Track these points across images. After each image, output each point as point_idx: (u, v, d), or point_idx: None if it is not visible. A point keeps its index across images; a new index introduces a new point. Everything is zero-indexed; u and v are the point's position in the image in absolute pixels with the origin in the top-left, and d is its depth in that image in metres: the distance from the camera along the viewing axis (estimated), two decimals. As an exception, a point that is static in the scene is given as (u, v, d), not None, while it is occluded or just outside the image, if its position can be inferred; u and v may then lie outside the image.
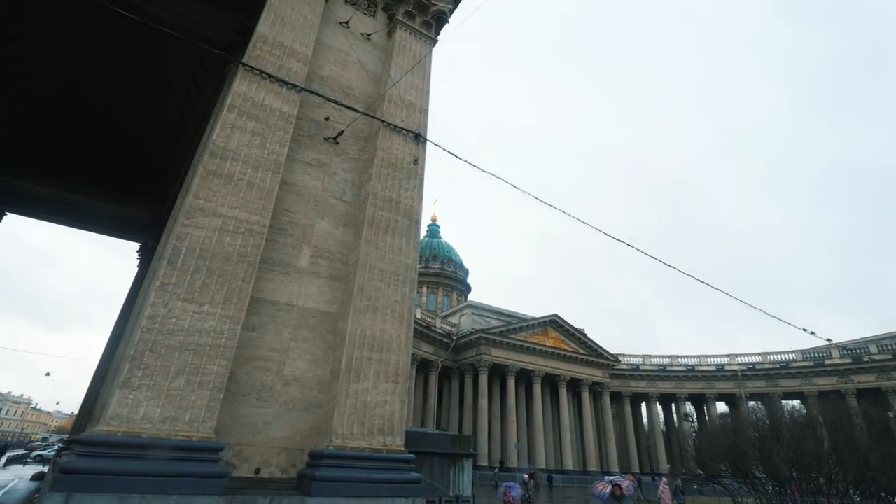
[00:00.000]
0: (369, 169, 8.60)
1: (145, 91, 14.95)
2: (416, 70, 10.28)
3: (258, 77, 7.83)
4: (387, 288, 7.68)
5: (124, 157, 18.49)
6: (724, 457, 18.61)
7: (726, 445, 18.47)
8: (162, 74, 13.86)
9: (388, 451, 6.64)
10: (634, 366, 58.02)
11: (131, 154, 18.38)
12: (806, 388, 46.86)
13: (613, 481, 9.40)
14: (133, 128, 17.14)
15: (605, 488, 9.05)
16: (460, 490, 8.42)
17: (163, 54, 12.57)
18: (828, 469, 15.13)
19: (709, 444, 20.23)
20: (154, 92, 14.94)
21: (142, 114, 16.22)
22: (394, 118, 9.23)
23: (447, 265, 76.34)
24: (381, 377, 7.03)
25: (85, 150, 18.27)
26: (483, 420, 44.76)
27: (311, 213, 7.99)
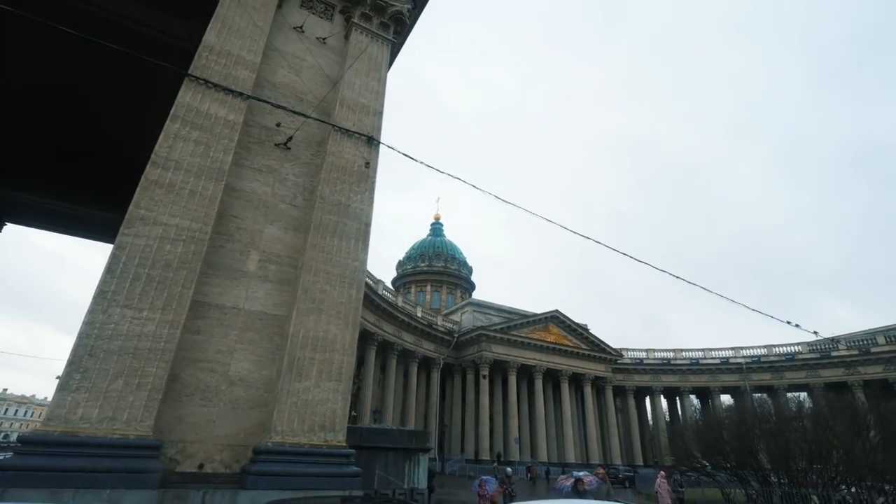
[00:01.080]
0: (320, 173, 8.82)
1: (130, 100, 15.35)
2: (371, 72, 10.47)
3: (203, 87, 8.09)
4: (332, 290, 7.92)
5: (116, 167, 19.00)
6: (711, 449, 18.62)
7: (711, 438, 18.47)
8: (145, 84, 14.23)
9: (329, 447, 6.89)
10: (638, 360, 57.70)
11: (122, 163, 18.88)
12: (812, 380, 46.23)
13: (577, 476, 9.44)
14: (121, 137, 17.61)
15: (567, 481, 9.03)
16: (415, 483, 8.66)
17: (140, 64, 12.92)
18: (806, 461, 15.08)
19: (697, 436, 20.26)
20: (137, 101, 15.35)
21: (129, 123, 16.66)
22: (345, 122, 9.44)
23: (450, 263, 76.53)
24: (323, 376, 7.28)
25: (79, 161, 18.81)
26: (484, 415, 45.01)
27: (260, 219, 8.24)
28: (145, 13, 10.82)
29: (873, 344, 42.62)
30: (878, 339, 42.30)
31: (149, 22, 11.04)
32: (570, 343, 52.13)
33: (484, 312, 52.41)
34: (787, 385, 47.85)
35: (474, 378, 47.38)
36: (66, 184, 19.55)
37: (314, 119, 9.09)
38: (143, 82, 13.78)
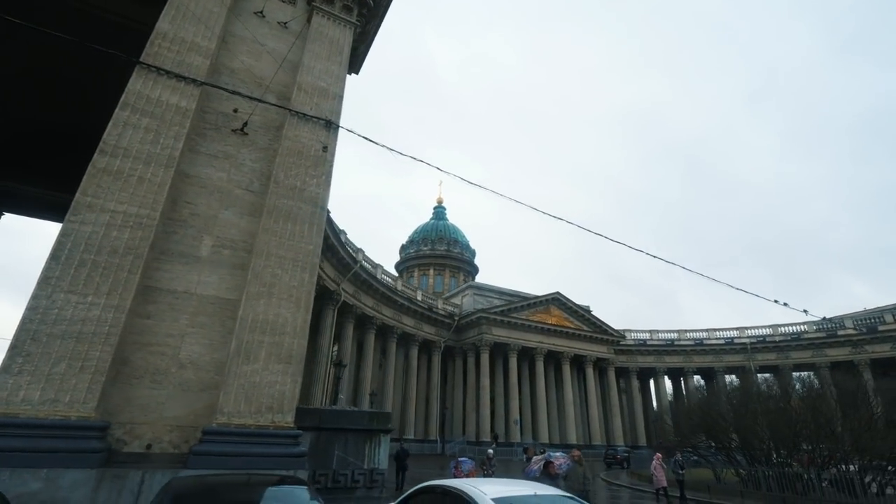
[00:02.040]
0: (276, 158, 8.80)
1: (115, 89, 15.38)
2: (331, 56, 10.33)
3: (154, 74, 8.06)
4: (284, 274, 7.98)
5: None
6: (700, 429, 18.67)
7: (700, 417, 18.50)
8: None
9: (276, 428, 7.05)
10: (641, 341, 57.61)
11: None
12: (818, 360, 45.76)
13: (547, 458, 8.63)
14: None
15: (536, 465, 8.50)
16: (375, 463, 8.84)
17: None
18: (792, 439, 15.05)
19: (687, 416, 20.29)
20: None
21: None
22: (303, 106, 9.36)
23: (453, 247, 76.53)
24: (272, 359, 7.40)
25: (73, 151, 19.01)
26: (485, 397, 45.57)
27: (215, 205, 8.29)
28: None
29: (881, 322, 41.88)
30: (886, 317, 41.53)
31: (112, 8, 10.96)
32: (571, 325, 52.16)
33: (484, 295, 52.54)
34: (792, 365, 47.39)
35: (475, 361, 47.84)
36: (59, 174, 19.84)
37: (269, 104, 9.04)
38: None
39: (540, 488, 4.19)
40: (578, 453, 9.93)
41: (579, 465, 9.17)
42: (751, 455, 17.06)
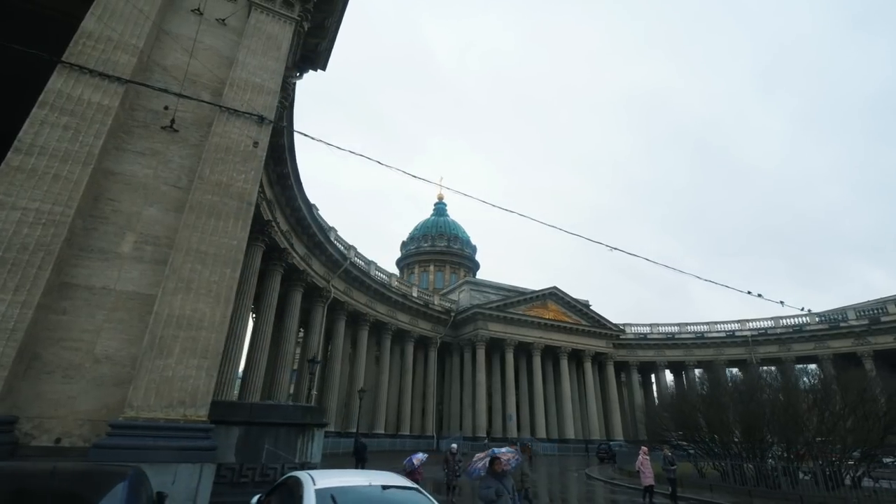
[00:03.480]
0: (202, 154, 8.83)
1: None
2: (268, 51, 10.31)
3: (77, 72, 8.12)
4: (205, 269, 8.01)
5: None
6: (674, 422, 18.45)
7: (674, 411, 18.26)
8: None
9: (186, 421, 7.10)
10: (642, 335, 57.09)
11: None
12: (820, 352, 44.90)
13: (493, 454, 6.97)
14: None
15: (480, 463, 7.00)
16: (308, 458, 8.85)
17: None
18: (761, 433, 14.79)
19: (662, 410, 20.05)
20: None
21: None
22: (234, 102, 9.36)
23: (453, 243, 76.47)
24: (187, 353, 7.44)
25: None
26: (481, 393, 45.56)
27: (139, 201, 8.34)
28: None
29: (883, 313, 40.87)
30: (889, 308, 40.50)
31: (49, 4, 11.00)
32: (569, 320, 51.82)
33: (481, 290, 52.45)
34: (794, 357, 46.61)
35: (471, 356, 47.83)
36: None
37: (197, 100, 9.05)
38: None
39: (382, 479, 4.16)
40: (529, 449, 10.24)
41: (527, 461, 9.21)
42: (725, 448, 16.81)
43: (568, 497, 16.29)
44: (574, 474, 23.13)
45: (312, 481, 3.89)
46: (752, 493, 14.15)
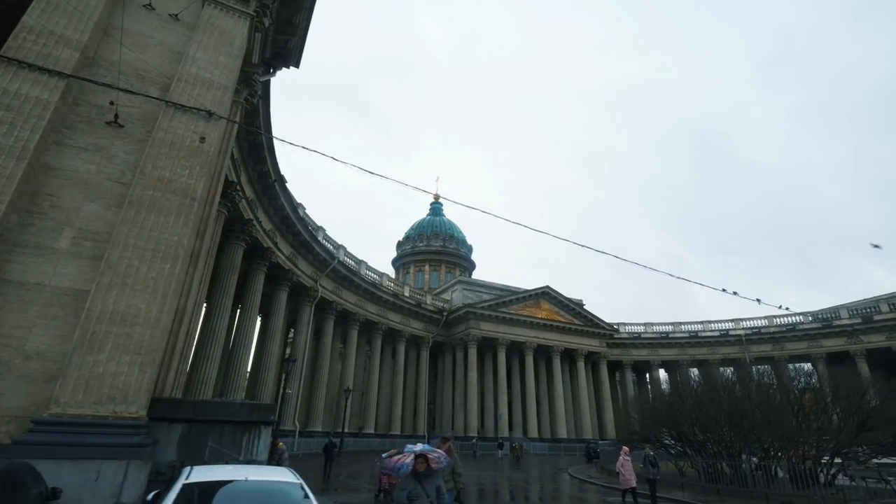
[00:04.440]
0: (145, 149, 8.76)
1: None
2: (220, 47, 10.24)
3: (15, 67, 8.07)
4: (142, 265, 7.94)
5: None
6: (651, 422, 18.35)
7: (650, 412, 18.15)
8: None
9: (115, 418, 7.03)
10: (636, 334, 56.92)
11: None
12: (813, 351, 44.64)
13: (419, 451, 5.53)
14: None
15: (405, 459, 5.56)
16: (253, 455, 8.79)
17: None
18: (719, 431, 14.68)
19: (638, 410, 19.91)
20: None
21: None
22: (182, 97, 9.29)
23: (449, 242, 76.37)
24: (120, 350, 7.37)
25: None
26: (472, 392, 45.44)
27: (80, 197, 8.28)
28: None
29: (876, 312, 40.58)
30: (882, 307, 40.21)
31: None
32: (562, 319, 51.67)
33: (473, 290, 52.34)
34: (787, 356, 46.33)
35: (463, 356, 47.72)
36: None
37: (142, 95, 8.99)
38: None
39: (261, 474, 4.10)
40: (448, 444, 7.88)
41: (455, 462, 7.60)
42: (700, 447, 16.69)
43: (530, 496, 16.20)
44: (554, 473, 23.01)
45: (187, 476, 3.82)
46: (722, 492, 14.04)
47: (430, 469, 5.05)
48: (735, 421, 14.85)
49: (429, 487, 4.76)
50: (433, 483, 4.85)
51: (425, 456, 5.31)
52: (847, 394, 15.12)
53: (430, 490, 4.78)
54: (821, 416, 14.49)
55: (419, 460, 5.05)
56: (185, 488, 3.62)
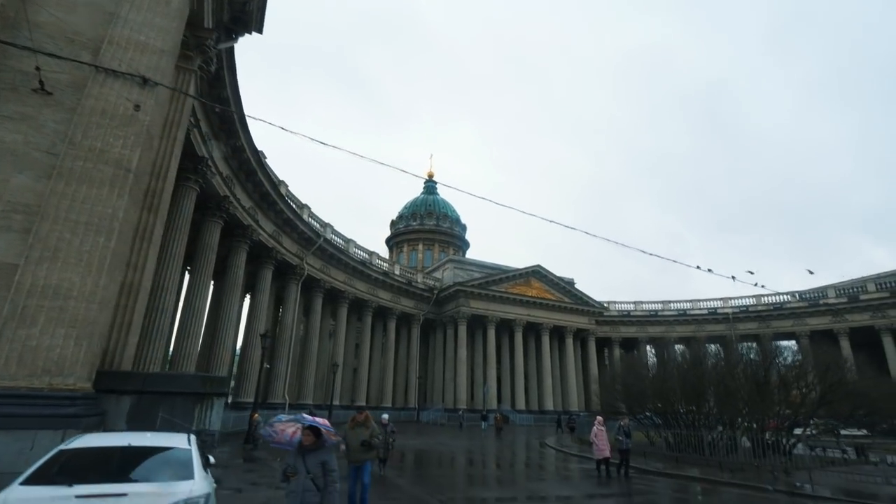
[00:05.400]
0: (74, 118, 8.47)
1: None
2: (156, 6, 9.78)
3: (-71, 32, 7.71)
4: (75, 238, 7.79)
5: None
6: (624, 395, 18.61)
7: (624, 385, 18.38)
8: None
9: (51, 390, 7.02)
10: (625, 312, 57.45)
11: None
12: (797, 329, 45.10)
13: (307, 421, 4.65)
14: None
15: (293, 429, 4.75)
16: (206, 426, 8.90)
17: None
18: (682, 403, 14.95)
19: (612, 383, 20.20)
20: None
21: None
22: (113, 61, 8.92)
23: (443, 221, 76.01)
24: (54, 323, 7.30)
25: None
26: (462, 368, 46.09)
27: (7, 168, 8.05)
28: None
29: (863, 291, 40.75)
30: (869, 287, 40.35)
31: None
32: (552, 297, 51.96)
33: (464, 268, 52.43)
34: (772, 334, 46.79)
35: (454, 333, 48.19)
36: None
37: (68, 60, 8.62)
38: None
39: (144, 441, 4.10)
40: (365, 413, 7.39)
41: (364, 428, 7.10)
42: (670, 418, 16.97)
43: (487, 461, 16.53)
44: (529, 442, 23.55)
45: (70, 442, 3.83)
46: (680, 460, 14.38)
47: (319, 443, 4.42)
48: (698, 393, 15.06)
49: (311, 462, 4.27)
50: (318, 458, 4.32)
51: (314, 429, 4.52)
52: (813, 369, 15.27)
53: (313, 466, 4.26)
54: (783, 390, 14.69)
55: (305, 433, 4.45)
56: (59, 454, 3.61)
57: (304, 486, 4.11)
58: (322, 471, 4.24)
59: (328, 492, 4.18)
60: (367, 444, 7.03)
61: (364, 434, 7.11)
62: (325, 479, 4.21)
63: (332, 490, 4.20)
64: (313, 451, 4.33)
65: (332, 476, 4.27)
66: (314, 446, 4.36)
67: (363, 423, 7.29)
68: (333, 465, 4.34)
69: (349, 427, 7.24)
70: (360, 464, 6.90)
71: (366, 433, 7.15)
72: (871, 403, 16.80)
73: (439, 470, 13.72)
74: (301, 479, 4.16)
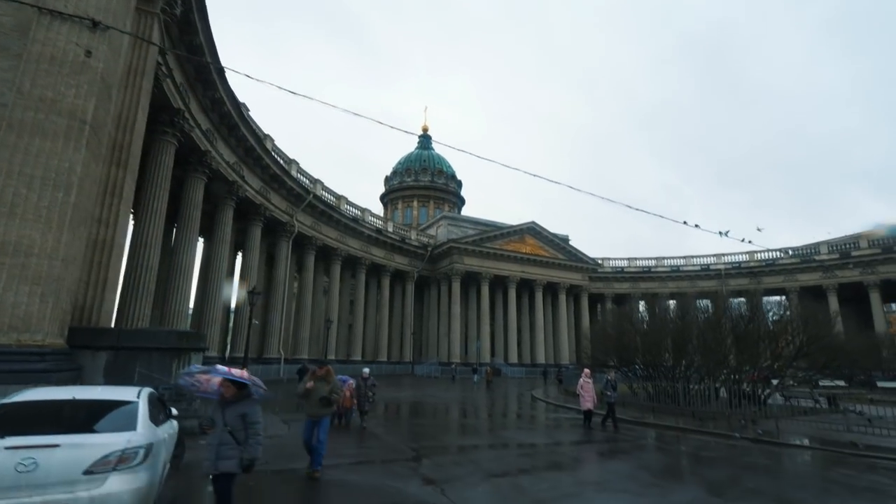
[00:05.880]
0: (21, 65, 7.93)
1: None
2: (105, -58, 8.92)
3: None
4: (31, 193, 7.53)
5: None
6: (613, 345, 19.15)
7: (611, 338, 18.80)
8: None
9: (20, 346, 7.05)
10: (619, 268, 57.94)
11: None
12: (788, 284, 45.64)
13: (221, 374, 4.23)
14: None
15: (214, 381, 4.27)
16: (182, 380, 9.05)
17: None
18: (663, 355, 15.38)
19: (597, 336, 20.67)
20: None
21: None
22: (58, 2, 8.24)
23: (437, 177, 74.78)
24: (17, 281, 7.21)
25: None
26: (455, 323, 47.04)
27: (-46, 119, 7.63)
28: None
29: (855, 248, 40.89)
30: (861, 243, 40.45)
31: None
32: (546, 254, 52.18)
33: (458, 225, 52.23)
34: (763, 290, 47.37)
35: (448, 289, 48.77)
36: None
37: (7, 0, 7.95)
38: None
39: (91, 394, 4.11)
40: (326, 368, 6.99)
41: (324, 384, 6.69)
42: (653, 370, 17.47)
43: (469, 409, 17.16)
44: (518, 394, 24.42)
45: (14, 397, 3.80)
46: (657, 410, 14.95)
47: (242, 395, 4.06)
48: (679, 346, 15.44)
49: (230, 415, 3.93)
50: (238, 410, 3.96)
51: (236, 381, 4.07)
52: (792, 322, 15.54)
53: (232, 418, 3.91)
54: (762, 343, 15.04)
55: (225, 384, 4.06)
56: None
57: (220, 440, 3.86)
58: (242, 423, 3.92)
59: (248, 444, 3.89)
60: (325, 399, 6.62)
61: (324, 389, 6.67)
62: (246, 433, 3.91)
63: (252, 444, 3.91)
64: (234, 403, 4.01)
65: (254, 429, 3.95)
66: (235, 398, 4.03)
67: (324, 377, 6.83)
68: (255, 418, 4.01)
69: (309, 381, 6.76)
70: (318, 418, 6.55)
71: (326, 388, 6.70)
72: (846, 356, 17.30)
73: (421, 420, 14.16)
74: (218, 432, 3.90)
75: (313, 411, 6.63)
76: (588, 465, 8.06)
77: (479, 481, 6.17)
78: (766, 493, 5.96)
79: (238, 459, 3.82)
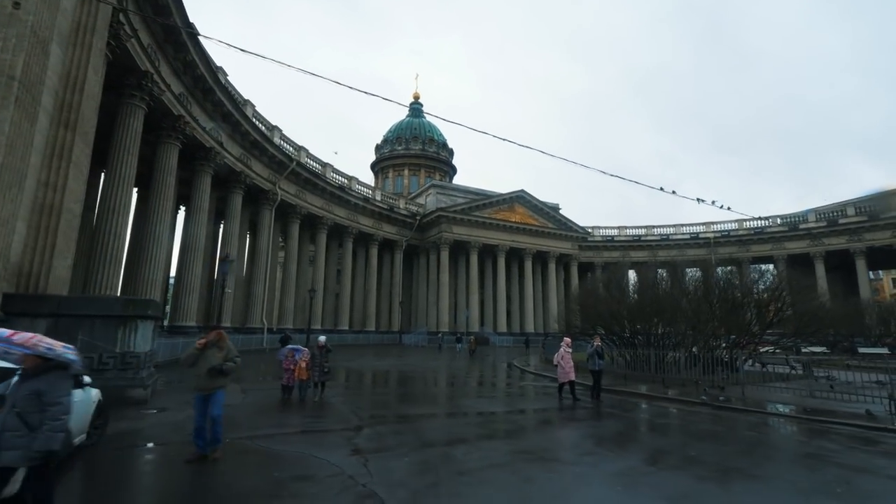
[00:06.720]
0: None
1: None
2: None
3: None
4: (-45, 156, 7.07)
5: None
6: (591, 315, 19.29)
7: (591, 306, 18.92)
8: None
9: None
10: (609, 237, 57.99)
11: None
12: (776, 252, 45.97)
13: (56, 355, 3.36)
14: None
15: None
16: (130, 347, 8.95)
17: None
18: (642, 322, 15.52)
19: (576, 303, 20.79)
20: None
21: None
22: (-28, -55, 7.50)
23: (429, 146, 73.26)
24: (-56, 248, 6.86)
25: None
26: (444, 292, 47.28)
27: None
28: None
29: (842, 216, 40.91)
30: (848, 211, 40.44)
31: None
32: (536, 223, 51.95)
33: (448, 194, 51.63)
34: (751, 258, 47.77)
35: (436, 258, 48.72)
36: None
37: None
38: None
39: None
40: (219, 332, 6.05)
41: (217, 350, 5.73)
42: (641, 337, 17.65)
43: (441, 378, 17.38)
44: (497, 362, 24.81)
45: None
46: (629, 377, 15.19)
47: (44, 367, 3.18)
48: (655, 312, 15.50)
49: (21, 392, 3.08)
50: (32, 387, 3.09)
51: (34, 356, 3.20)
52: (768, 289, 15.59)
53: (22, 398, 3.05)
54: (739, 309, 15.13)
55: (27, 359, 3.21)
56: None
57: (3, 424, 2.96)
58: (37, 404, 3.02)
59: (41, 432, 2.96)
60: (216, 370, 5.61)
61: (216, 357, 5.68)
62: (42, 416, 3.01)
63: (47, 430, 2.98)
64: (29, 378, 3.12)
65: (52, 412, 3.03)
66: (36, 370, 3.14)
67: (216, 343, 5.79)
68: (55, 398, 3.09)
69: (197, 348, 5.71)
70: (209, 392, 5.56)
71: (219, 356, 5.71)
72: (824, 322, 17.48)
73: (386, 389, 14.08)
74: (2, 414, 3.02)
75: (202, 384, 5.61)
76: (535, 433, 8.05)
77: (410, 451, 6.09)
78: (706, 461, 5.98)
79: (24, 450, 2.91)
